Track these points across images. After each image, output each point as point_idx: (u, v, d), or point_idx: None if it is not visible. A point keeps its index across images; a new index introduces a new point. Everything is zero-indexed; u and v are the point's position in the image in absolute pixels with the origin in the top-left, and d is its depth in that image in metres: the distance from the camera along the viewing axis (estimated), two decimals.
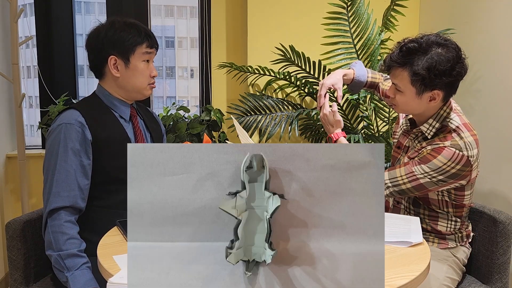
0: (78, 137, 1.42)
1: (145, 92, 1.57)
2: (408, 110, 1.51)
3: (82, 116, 1.45)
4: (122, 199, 1.51)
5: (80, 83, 2.82)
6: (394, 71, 1.44)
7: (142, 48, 1.51)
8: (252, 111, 2.58)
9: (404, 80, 1.42)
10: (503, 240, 1.50)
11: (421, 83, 1.39)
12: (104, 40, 1.49)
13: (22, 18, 2.60)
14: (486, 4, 2.29)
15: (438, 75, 1.37)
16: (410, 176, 1.44)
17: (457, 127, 1.45)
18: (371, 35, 2.50)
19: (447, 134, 1.45)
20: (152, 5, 2.85)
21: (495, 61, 2.23)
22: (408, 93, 1.43)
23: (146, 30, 1.54)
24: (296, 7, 2.73)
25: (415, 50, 1.38)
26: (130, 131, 1.56)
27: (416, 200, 1.57)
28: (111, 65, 1.50)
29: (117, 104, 1.55)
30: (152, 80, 1.57)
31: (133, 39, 1.50)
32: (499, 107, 2.19)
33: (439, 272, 1.45)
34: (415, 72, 1.38)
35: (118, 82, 1.53)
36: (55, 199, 1.37)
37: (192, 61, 3.06)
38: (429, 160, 1.42)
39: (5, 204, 2.52)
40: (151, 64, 1.56)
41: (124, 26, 1.51)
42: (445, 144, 1.41)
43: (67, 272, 1.31)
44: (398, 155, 1.62)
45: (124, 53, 1.50)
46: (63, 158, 1.40)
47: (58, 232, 1.35)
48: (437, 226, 1.54)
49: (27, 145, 2.53)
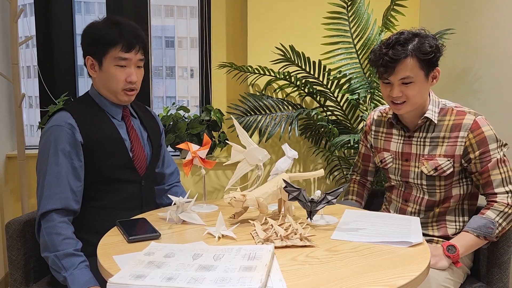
0: (68, 139, 1.41)
1: (119, 97, 1.50)
2: (418, 100, 1.49)
3: (73, 117, 1.43)
4: (118, 199, 1.52)
5: (80, 83, 2.82)
6: (400, 65, 1.44)
7: (115, 52, 1.43)
8: (252, 111, 2.58)
9: (414, 68, 1.44)
10: (503, 240, 1.50)
11: (428, 62, 1.44)
12: (83, 40, 1.48)
13: (22, 18, 2.60)
14: (486, 4, 2.29)
15: (438, 49, 1.46)
16: (501, 162, 1.47)
17: (455, 106, 1.53)
18: (371, 35, 2.50)
19: (454, 112, 1.51)
20: (152, 5, 2.85)
21: (495, 61, 2.23)
22: (419, 79, 1.46)
23: (124, 30, 1.43)
24: (296, 7, 2.73)
25: (409, 38, 1.45)
26: (123, 131, 1.54)
27: (431, 201, 1.57)
28: (88, 66, 1.49)
29: (108, 104, 1.53)
30: (129, 86, 1.48)
31: (106, 40, 1.43)
32: (499, 107, 2.18)
33: (440, 273, 1.45)
34: (424, 52, 1.43)
35: (97, 83, 1.51)
36: (47, 202, 1.37)
37: (192, 61, 3.06)
38: (484, 139, 1.46)
39: (5, 204, 2.52)
40: (130, 69, 1.47)
41: (104, 26, 1.44)
42: (471, 118, 1.48)
43: (64, 272, 1.31)
44: (408, 167, 1.59)
45: (97, 54, 1.45)
46: (54, 160, 1.39)
47: (53, 233, 1.35)
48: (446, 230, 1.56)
49: (27, 145, 2.53)
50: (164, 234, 1.28)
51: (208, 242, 1.20)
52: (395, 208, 1.67)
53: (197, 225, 1.36)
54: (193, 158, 1.49)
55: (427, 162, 1.53)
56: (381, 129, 1.69)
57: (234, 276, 0.93)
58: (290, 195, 1.30)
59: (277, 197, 1.36)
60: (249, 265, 0.99)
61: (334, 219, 1.41)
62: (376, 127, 1.71)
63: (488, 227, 1.43)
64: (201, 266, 1.00)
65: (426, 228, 1.57)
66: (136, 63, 1.49)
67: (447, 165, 1.50)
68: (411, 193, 1.61)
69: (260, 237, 1.18)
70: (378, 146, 1.69)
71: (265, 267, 0.97)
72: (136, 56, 1.47)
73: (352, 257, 1.09)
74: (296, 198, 1.30)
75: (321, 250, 1.14)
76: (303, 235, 1.17)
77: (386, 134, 1.67)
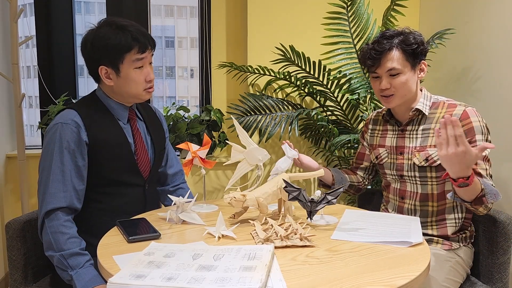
0: (73, 137, 1.40)
1: (142, 97, 1.52)
2: (407, 91, 1.55)
3: (80, 116, 1.43)
4: (122, 202, 1.51)
5: (80, 83, 2.82)
6: (386, 57, 1.52)
7: (131, 56, 1.43)
8: (252, 111, 2.58)
9: (399, 59, 1.52)
10: (503, 240, 1.50)
11: (413, 54, 1.52)
12: (92, 50, 1.44)
13: (22, 18, 2.61)
14: (486, 4, 2.29)
15: (422, 43, 1.53)
16: (485, 159, 1.47)
17: (447, 100, 1.58)
18: (371, 35, 2.50)
19: (446, 105, 1.55)
20: (152, 5, 2.85)
21: (495, 61, 2.23)
22: (406, 70, 1.53)
23: (135, 33, 1.43)
24: (296, 7, 2.73)
25: (394, 34, 1.54)
26: (129, 134, 1.54)
27: (424, 195, 1.57)
28: (103, 75, 1.46)
29: (114, 106, 1.52)
30: (149, 85, 1.50)
31: (120, 46, 1.42)
32: (499, 107, 2.18)
33: (440, 273, 1.45)
34: (408, 43, 1.51)
35: (113, 89, 1.50)
36: (51, 200, 1.37)
37: (192, 61, 3.06)
38: (472, 129, 1.46)
39: (5, 204, 2.52)
40: (146, 68, 1.48)
41: (110, 32, 1.42)
42: (461, 108, 1.50)
43: (71, 271, 1.31)
44: (402, 160, 1.61)
45: (112, 63, 1.43)
46: (59, 158, 1.39)
47: (57, 232, 1.34)
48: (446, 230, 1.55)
49: (27, 145, 2.54)
50: (164, 234, 1.28)
51: (208, 242, 1.20)
52: (393, 207, 1.68)
53: (197, 225, 1.36)
54: (193, 158, 1.49)
55: (419, 153, 1.56)
56: (378, 127, 1.75)
57: (234, 276, 0.93)
58: (290, 195, 1.30)
59: (277, 197, 1.36)
60: (249, 265, 0.99)
61: (334, 219, 1.41)
62: (373, 125, 1.77)
63: (495, 193, 1.36)
64: (201, 266, 1.00)
65: (425, 227, 1.57)
66: (149, 60, 1.51)
67: (437, 155, 1.49)
68: (405, 189, 1.62)
69: (260, 237, 1.18)
70: (374, 143, 1.74)
71: (265, 267, 0.97)
72: (149, 54, 1.50)
73: (352, 257, 1.09)
74: (296, 198, 1.30)
75: (321, 250, 1.14)
76: (303, 235, 1.17)
77: (382, 131, 1.72)
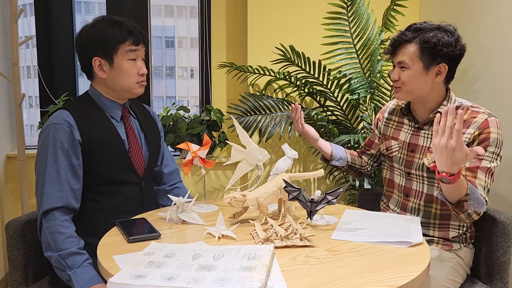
0: (67, 137, 1.41)
1: (134, 91, 1.53)
2: (414, 88, 1.51)
3: (72, 116, 1.44)
4: (118, 201, 1.51)
5: (80, 83, 2.82)
6: (401, 48, 1.50)
7: (125, 47, 1.47)
8: (252, 111, 2.58)
9: (412, 55, 1.47)
10: (503, 240, 1.50)
11: (430, 55, 1.45)
12: (87, 42, 1.47)
13: (22, 18, 2.61)
14: (486, 4, 2.29)
15: (445, 45, 1.44)
16: (488, 173, 1.42)
17: (471, 106, 1.51)
18: (371, 35, 2.50)
19: (469, 112, 1.49)
20: (152, 5, 2.85)
21: (495, 61, 2.23)
22: (416, 68, 1.48)
23: (129, 27, 1.48)
24: (296, 7, 2.73)
25: (423, 28, 1.47)
26: (122, 132, 1.54)
27: (430, 196, 1.56)
28: (96, 67, 1.48)
29: (108, 104, 1.53)
30: (141, 78, 1.53)
31: (115, 38, 1.46)
32: (499, 107, 2.18)
33: (440, 273, 1.45)
34: (425, 41, 1.44)
35: (106, 83, 1.51)
36: (48, 200, 1.37)
37: (192, 61, 3.06)
38: (488, 139, 1.42)
39: (5, 204, 2.52)
40: (139, 62, 1.52)
41: (106, 25, 1.46)
42: (483, 117, 1.45)
43: (69, 271, 1.31)
44: (413, 159, 1.59)
45: (106, 53, 1.46)
46: (53, 158, 1.39)
47: (55, 232, 1.35)
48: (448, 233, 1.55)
49: (27, 145, 2.53)
50: (164, 234, 1.28)
51: (208, 242, 1.20)
52: (397, 203, 1.66)
53: (197, 225, 1.36)
54: (193, 158, 1.49)
55: (430, 154, 1.54)
56: (394, 117, 1.71)
57: (234, 276, 0.93)
58: (290, 195, 1.30)
59: (277, 197, 1.36)
60: (249, 265, 0.99)
61: (334, 219, 1.41)
62: (389, 114, 1.73)
63: (479, 203, 1.32)
64: (201, 266, 1.00)
65: (427, 228, 1.57)
66: (142, 56, 1.54)
67: None
68: (411, 187, 1.61)
69: (260, 237, 1.18)
70: (387, 134, 1.71)
71: (265, 267, 0.97)
72: (142, 49, 1.52)
73: (352, 257, 1.09)
74: (296, 198, 1.30)
75: (321, 250, 1.14)
76: (303, 235, 1.17)
77: (398, 123, 1.68)
